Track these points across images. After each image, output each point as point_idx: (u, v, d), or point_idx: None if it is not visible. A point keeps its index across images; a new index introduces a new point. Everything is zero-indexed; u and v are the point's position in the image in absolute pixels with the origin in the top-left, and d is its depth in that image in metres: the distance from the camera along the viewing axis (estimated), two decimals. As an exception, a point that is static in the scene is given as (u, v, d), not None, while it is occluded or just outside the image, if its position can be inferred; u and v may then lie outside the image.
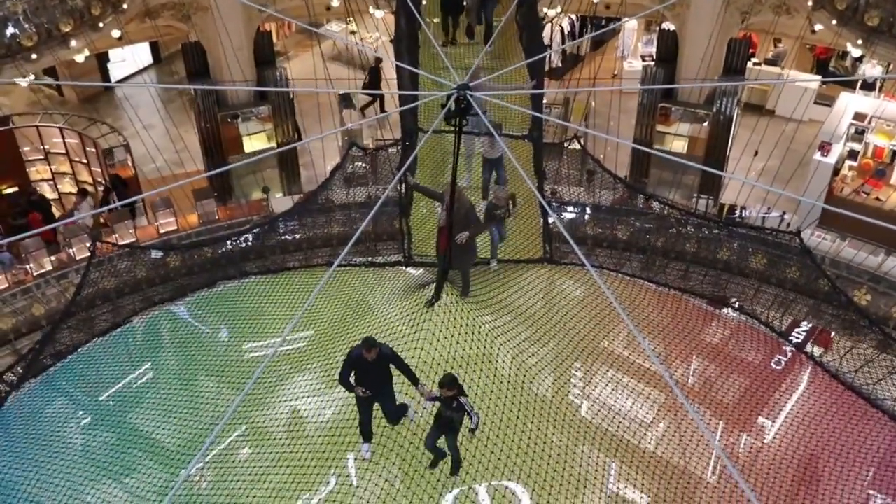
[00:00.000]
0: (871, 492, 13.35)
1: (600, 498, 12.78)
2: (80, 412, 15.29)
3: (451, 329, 13.09)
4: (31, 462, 13.82)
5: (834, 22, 19.65)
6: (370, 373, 11.70)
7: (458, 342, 12.98)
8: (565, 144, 19.71)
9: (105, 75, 27.70)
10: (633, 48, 28.33)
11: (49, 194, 23.03)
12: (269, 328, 16.26)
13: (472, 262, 14.24)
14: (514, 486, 12.67)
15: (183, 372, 15.77)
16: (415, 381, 11.76)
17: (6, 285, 19.03)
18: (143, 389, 15.52)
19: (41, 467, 13.68)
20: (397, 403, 12.35)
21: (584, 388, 14.54)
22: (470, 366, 13.16)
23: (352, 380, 11.78)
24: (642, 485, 13.13)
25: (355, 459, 12.76)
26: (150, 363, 16.35)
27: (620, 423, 13.76)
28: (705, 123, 22.27)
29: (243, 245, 19.52)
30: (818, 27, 20.90)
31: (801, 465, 13.53)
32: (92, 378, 15.98)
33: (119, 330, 17.26)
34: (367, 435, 12.52)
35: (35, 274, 19.44)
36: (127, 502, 12.98)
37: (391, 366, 11.81)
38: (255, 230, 19.86)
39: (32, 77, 21.73)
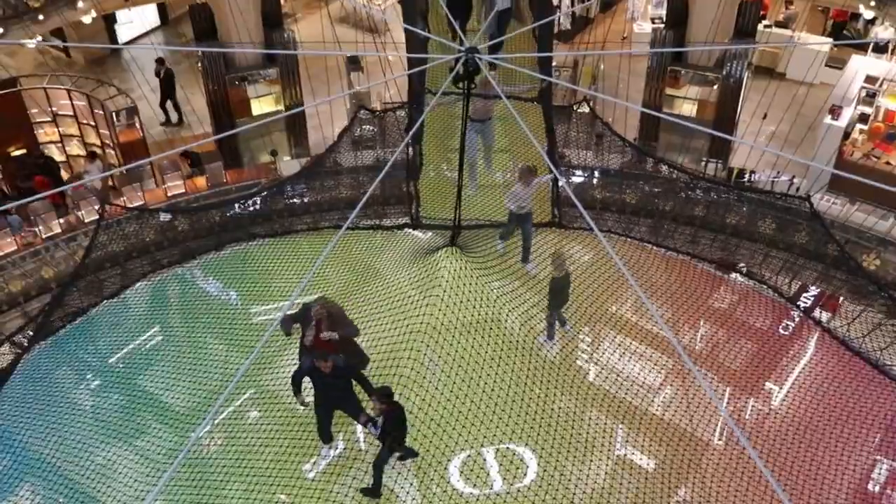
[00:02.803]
0: (877, 456, 13.40)
1: (607, 462, 12.84)
2: (90, 375, 15.38)
3: (459, 293, 13.10)
4: (42, 423, 13.94)
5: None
6: (327, 383, 11.52)
7: (466, 306, 13.00)
8: (574, 108, 19.57)
9: (112, 37, 27.54)
10: (643, 10, 28.02)
11: (57, 156, 23.00)
12: (277, 291, 16.29)
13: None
14: (521, 450, 12.74)
15: (191, 335, 15.82)
16: (370, 392, 11.51)
17: (16, 248, 19.10)
18: (152, 352, 15.59)
19: (52, 429, 13.79)
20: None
21: (591, 352, 14.56)
22: (478, 330, 13.19)
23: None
24: (649, 449, 13.19)
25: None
26: (158, 326, 16.42)
27: (630, 388, 13.79)
28: (715, 86, 22.09)
29: (251, 208, 19.52)
30: (830, -12, 20.67)
31: (808, 431, 13.56)
32: (101, 341, 16.07)
33: (127, 293, 17.32)
34: (325, 437, 12.37)
35: (44, 237, 19.50)
36: (137, 463, 13.11)
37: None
38: (263, 193, 19.85)
39: (39, 38, 21.64)
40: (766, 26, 25.50)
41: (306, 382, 12.27)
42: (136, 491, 12.59)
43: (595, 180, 20.02)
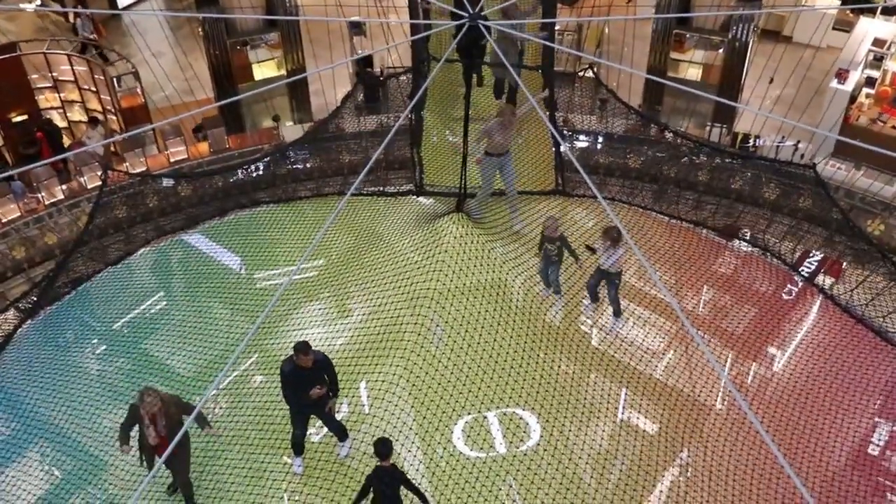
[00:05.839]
0: (877, 419, 13.45)
1: (609, 426, 12.90)
2: (95, 340, 15.44)
3: (462, 258, 13.11)
4: (49, 388, 14.01)
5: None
6: (307, 382, 11.12)
7: (470, 271, 13.01)
8: (579, 74, 19.47)
9: (112, 1, 27.35)
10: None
11: (59, 122, 22.93)
12: (281, 257, 16.33)
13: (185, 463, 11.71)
14: (524, 414, 12.80)
15: (195, 300, 15.86)
16: (336, 392, 11.44)
17: (19, 214, 19.11)
18: (156, 318, 15.63)
19: (59, 393, 13.87)
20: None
21: (594, 317, 14.58)
22: (482, 294, 13.22)
23: None
24: (652, 413, 13.25)
25: (367, 388, 12.89)
26: (162, 292, 16.46)
27: (633, 352, 13.82)
28: (720, 50, 21.93)
29: (254, 174, 19.49)
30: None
31: (810, 394, 13.60)
32: (106, 307, 16.11)
33: (131, 259, 17.34)
34: (299, 448, 11.96)
35: (47, 203, 19.51)
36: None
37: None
38: (266, 159, 19.81)
39: (38, 2, 21.50)
40: (773, -12, 25.29)
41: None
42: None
43: (599, 145, 19.94)
